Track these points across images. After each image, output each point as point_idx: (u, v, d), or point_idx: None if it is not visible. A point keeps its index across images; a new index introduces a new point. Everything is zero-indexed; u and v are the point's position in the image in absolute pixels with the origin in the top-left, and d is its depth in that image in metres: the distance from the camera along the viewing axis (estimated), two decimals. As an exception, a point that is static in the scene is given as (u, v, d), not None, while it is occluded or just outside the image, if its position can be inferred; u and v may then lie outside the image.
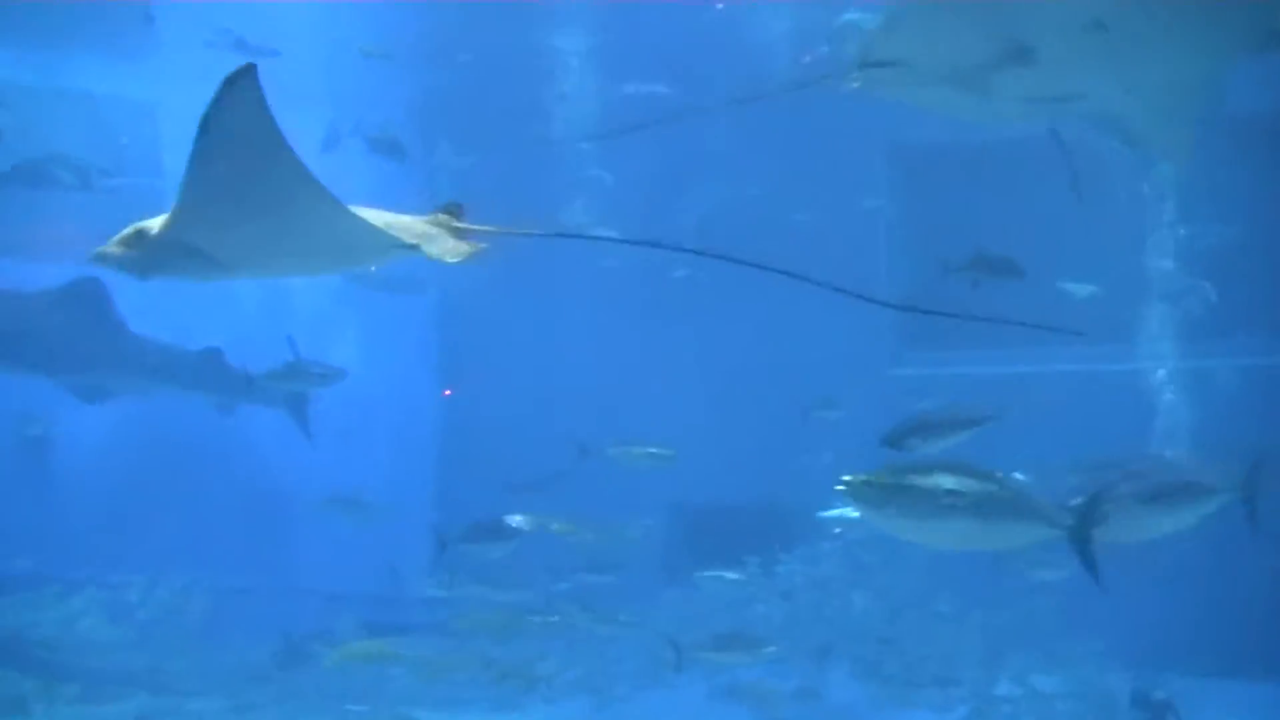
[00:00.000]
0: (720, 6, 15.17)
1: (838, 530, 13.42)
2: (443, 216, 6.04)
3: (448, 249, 5.89)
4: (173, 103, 15.09)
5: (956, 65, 5.69)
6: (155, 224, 5.98)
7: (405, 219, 6.07)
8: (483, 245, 5.97)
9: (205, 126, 5.23)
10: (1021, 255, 13.87)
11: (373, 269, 12.98)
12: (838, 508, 12.74)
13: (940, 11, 5.63)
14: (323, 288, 15.68)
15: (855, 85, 6.15)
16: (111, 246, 6.10)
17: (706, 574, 12.96)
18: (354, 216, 5.69)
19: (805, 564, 13.69)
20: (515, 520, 11.07)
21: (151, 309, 12.36)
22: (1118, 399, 13.93)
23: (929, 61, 5.69)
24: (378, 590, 14.78)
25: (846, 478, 6.25)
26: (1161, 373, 14.27)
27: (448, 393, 17.18)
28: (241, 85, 5.16)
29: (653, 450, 11.55)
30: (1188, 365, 14.28)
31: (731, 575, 13.03)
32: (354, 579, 14.71)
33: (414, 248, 5.94)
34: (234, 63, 5.23)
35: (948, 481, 6.30)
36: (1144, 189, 14.25)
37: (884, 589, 13.30)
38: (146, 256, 5.93)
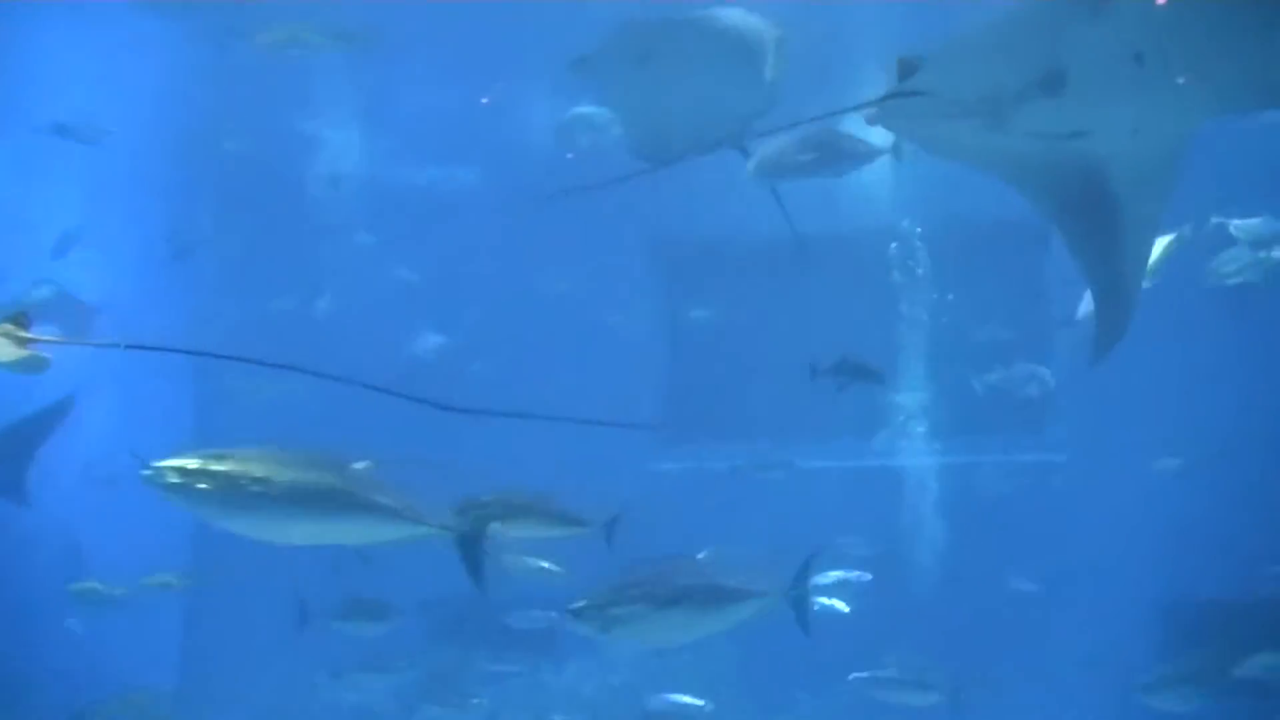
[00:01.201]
0: (485, 101, 15.20)
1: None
2: (7, 325, 5.85)
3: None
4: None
5: (984, 96, 5.70)
6: None
7: None
8: (45, 355, 5.79)
9: None
10: (781, 348, 14.31)
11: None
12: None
13: (981, 40, 5.65)
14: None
15: (875, 114, 6.09)
16: None
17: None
18: None
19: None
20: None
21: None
22: (846, 493, 14.23)
23: (959, 92, 5.68)
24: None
25: None
26: (911, 468, 14.63)
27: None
28: None
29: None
30: (942, 461, 14.67)
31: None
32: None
33: None
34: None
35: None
36: (912, 285, 14.69)
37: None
38: None
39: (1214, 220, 11.92)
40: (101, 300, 14.91)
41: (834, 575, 12.87)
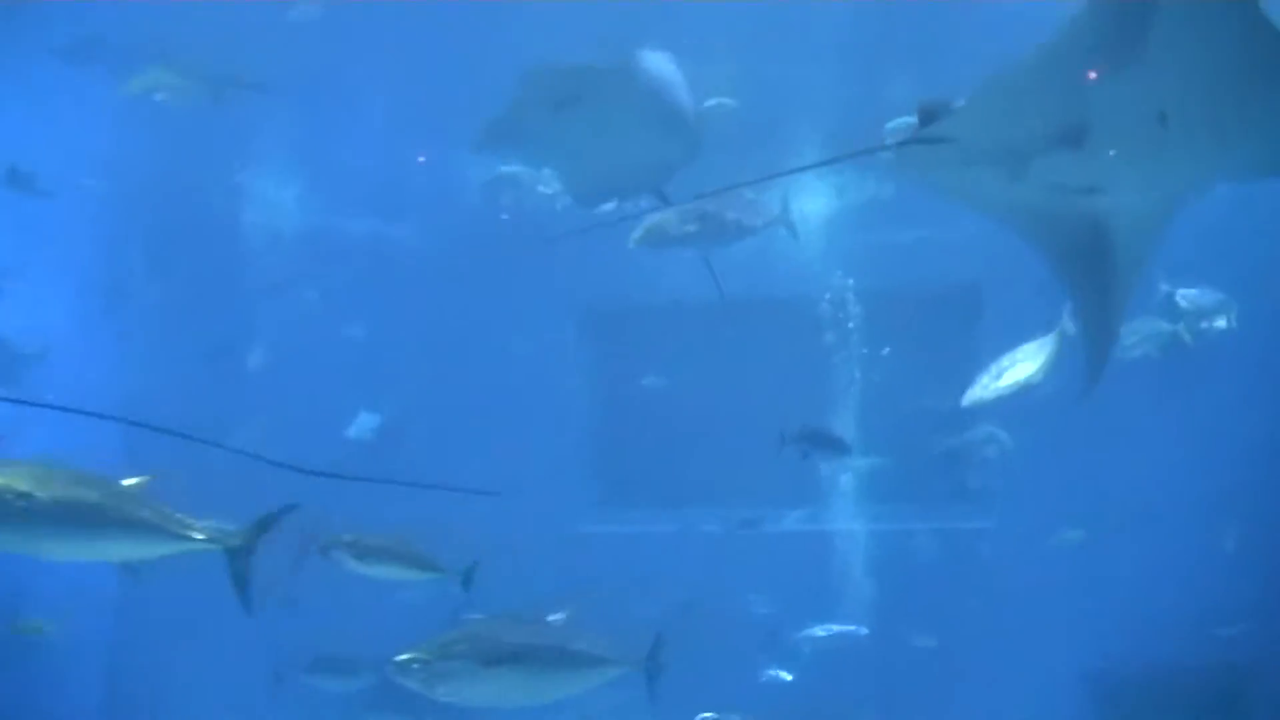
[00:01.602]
0: (422, 160, 15.21)
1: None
2: None
3: None
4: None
5: (1007, 146, 5.66)
6: None
7: None
8: None
9: None
10: (713, 413, 14.37)
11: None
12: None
13: (1007, 90, 5.60)
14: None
15: (891, 157, 6.05)
16: None
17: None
18: None
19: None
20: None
21: None
22: (771, 556, 14.19)
23: (982, 140, 5.64)
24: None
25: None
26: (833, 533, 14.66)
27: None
28: None
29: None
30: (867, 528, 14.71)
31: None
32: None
33: None
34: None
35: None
36: (846, 353, 14.78)
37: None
38: None
39: (1162, 288, 12.12)
40: (35, 346, 14.68)
41: (830, 629, 13.16)
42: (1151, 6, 5.13)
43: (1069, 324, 10.44)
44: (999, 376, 10.33)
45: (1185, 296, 12.11)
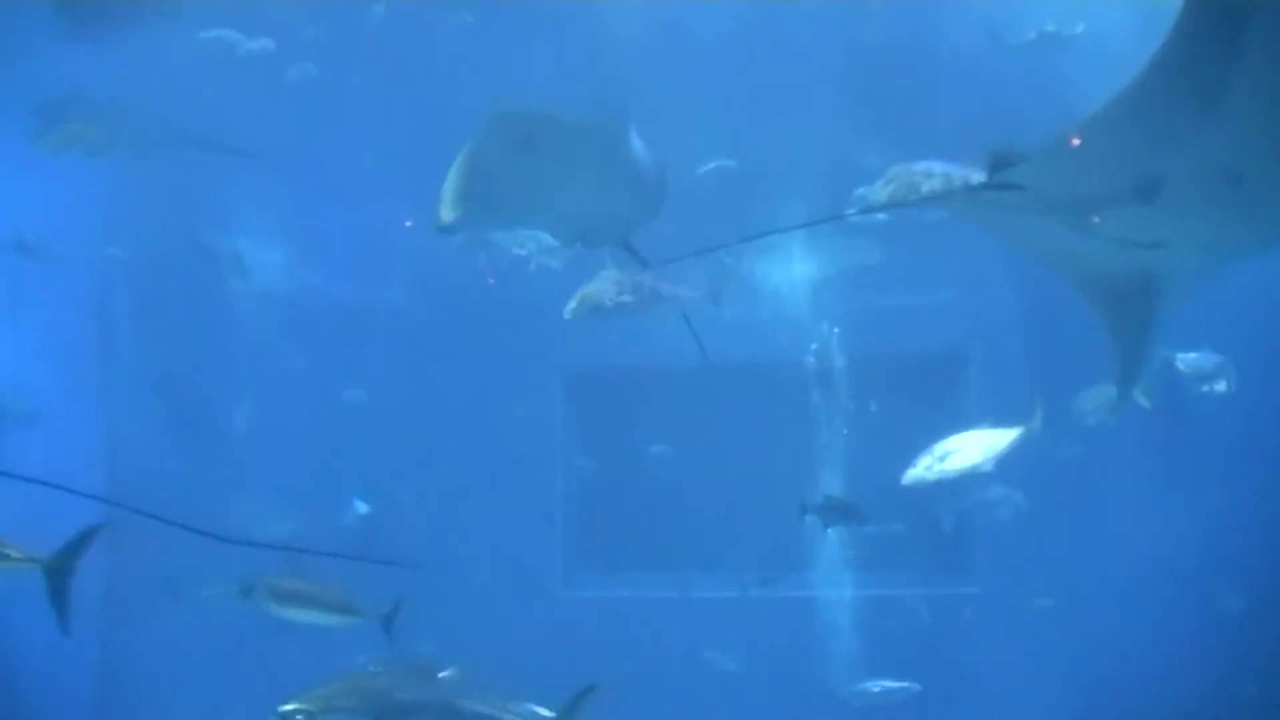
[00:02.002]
0: (409, 224, 15.21)
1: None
2: None
3: None
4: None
5: (1079, 197, 5.62)
6: None
7: None
8: None
9: None
10: (692, 474, 14.38)
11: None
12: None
13: (1083, 141, 5.51)
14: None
15: (960, 207, 6.02)
16: None
17: None
18: None
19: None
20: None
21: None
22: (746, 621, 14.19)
23: (1053, 189, 5.60)
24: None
25: None
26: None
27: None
28: None
29: None
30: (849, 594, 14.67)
31: None
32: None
33: None
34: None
35: None
36: (830, 418, 14.80)
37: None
38: None
39: (1161, 352, 12.21)
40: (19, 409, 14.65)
41: (882, 684, 13.14)
42: (1230, 64, 5.05)
43: (1038, 422, 10.51)
44: (944, 459, 10.34)
45: (1184, 360, 12.19)
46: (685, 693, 13.73)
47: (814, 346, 14.74)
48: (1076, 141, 5.57)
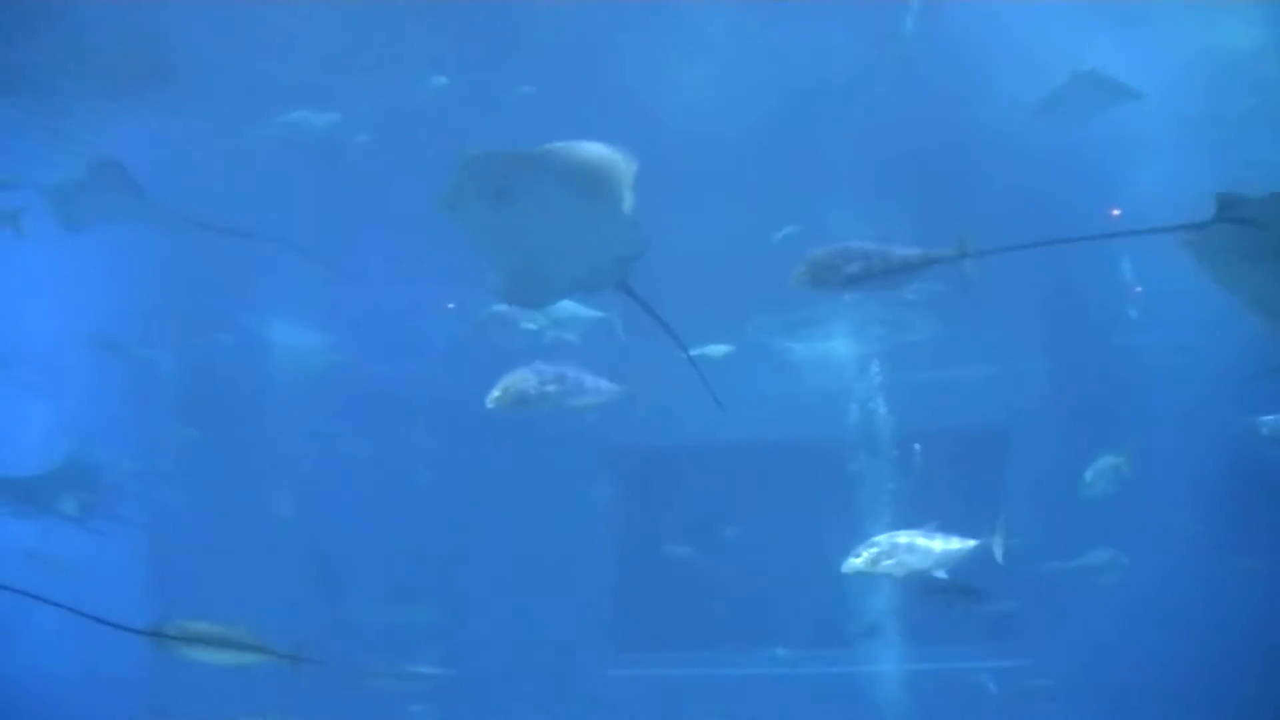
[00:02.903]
0: (451, 307, 15.40)
1: None
2: None
3: None
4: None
5: None
6: None
7: None
8: None
9: None
10: (736, 550, 14.41)
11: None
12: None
13: None
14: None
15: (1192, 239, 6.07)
16: None
17: None
18: None
19: None
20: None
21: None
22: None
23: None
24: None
25: None
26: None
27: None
28: None
29: None
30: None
31: None
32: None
33: None
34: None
35: None
36: (873, 492, 14.85)
37: None
38: None
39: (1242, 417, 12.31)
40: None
41: None
42: None
43: (998, 539, 10.52)
44: (893, 556, 10.24)
45: (1265, 424, 12.24)
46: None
47: (855, 421, 14.79)
48: None
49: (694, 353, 9.62)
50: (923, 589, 10.50)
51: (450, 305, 15.30)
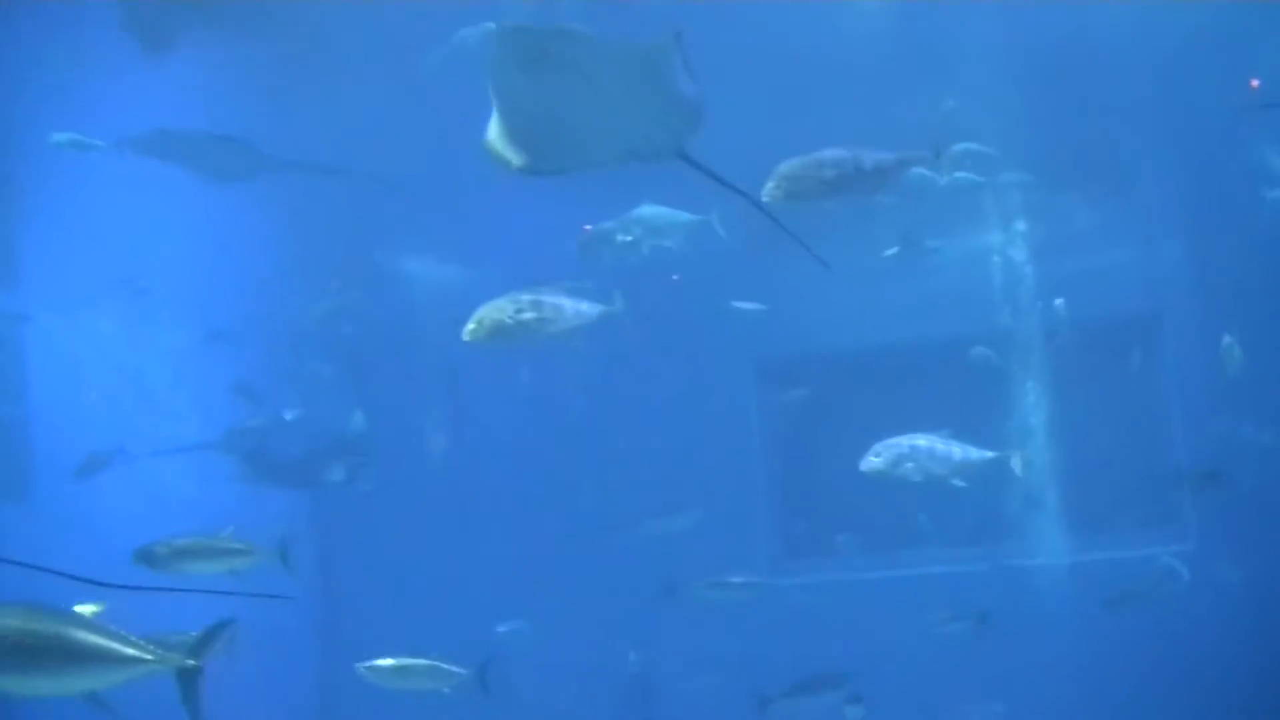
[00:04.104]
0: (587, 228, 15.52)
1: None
2: None
3: None
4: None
5: None
6: None
7: None
8: None
9: None
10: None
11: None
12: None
13: None
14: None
15: None
16: None
17: None
18: None
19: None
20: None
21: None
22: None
23: None
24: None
25: None
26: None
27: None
28: None
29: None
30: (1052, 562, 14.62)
31: None
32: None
33: None
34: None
35: None
36: (1022, 384, 14.78)
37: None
38: None
39: None
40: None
41: None
42: None
43: (1016, 459, 10.36)
44: (913, 459, 10.12)
45: None
46: (905, 671, 13.81)
47: (1009, 314, 14.69)
48: None
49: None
50: (1184, 477, 10.41)
51: (587, 227, 15.37)
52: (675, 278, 14.77)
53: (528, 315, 9.33)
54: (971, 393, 14.50)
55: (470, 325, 9.32)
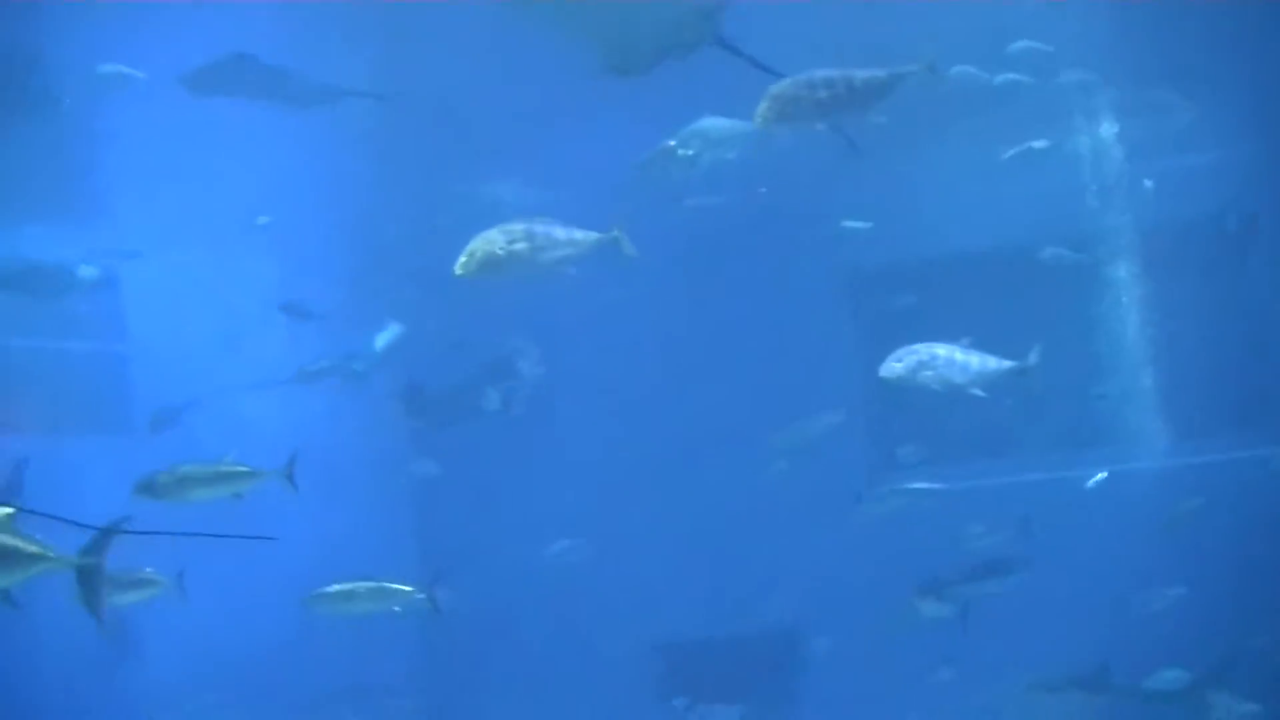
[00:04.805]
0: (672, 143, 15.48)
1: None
2: None
3: None
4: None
5: None
6: None
7: None
8: None
9: None
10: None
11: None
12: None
13: None
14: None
15: None
16: None
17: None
18: None
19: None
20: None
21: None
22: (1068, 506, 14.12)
23: None
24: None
25: None
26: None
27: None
28: None
29: None
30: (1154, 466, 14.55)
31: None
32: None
33: None
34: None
35: None
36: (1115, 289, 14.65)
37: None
38: None
39: None
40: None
41: None
42: None
43: (1034, 361, 10.41)
44: (932, 366, 10.02)
45: None
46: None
47: (1103, 218, 14.54)
48: None
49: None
50: None
51: (671, 142, 15.31)
52: (762, 190, 14.74)
53: (520, 245, 9.23)
54: (1066, 296, 14.41)
55: (462, 259, 9.24)
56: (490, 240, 9.21)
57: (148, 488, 9.48)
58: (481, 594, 15.53)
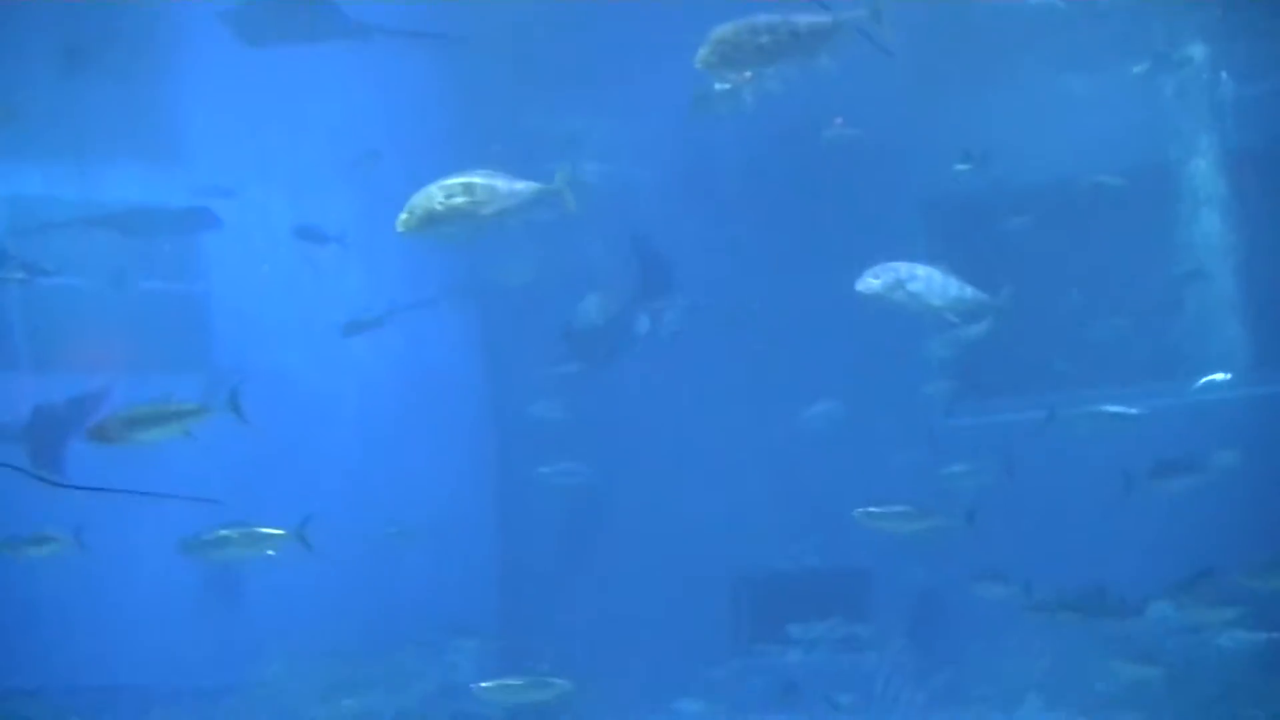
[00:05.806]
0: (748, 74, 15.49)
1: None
2: None
3: None
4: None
5: None
6: None
7: None
8: None
9: None
10: (1052, 294, 14.40)
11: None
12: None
13: None
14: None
15: None
16: None
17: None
18: None
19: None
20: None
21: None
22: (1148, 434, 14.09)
23: None
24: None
25: None
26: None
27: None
28: None
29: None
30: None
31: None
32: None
33: None
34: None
35: None
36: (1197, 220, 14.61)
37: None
38: None
39: None
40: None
41: None
42: None
43: (1005, 298, 10.68)
44: (910, 286, 9.92)
45: None
46: (1080, 512, 13.92)
47: (1186, 145, 14.49)
48: None
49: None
50: None
51: (747, 74, 15.30)
52: (838, 121, 14.80)
53: (459, 199, 9.22)
54: (1148, 226, 14.41)
55: (403, 215, 9.27)
56: (429, 196, 9.25)
57: (99, 433, 9.54)
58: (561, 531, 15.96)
